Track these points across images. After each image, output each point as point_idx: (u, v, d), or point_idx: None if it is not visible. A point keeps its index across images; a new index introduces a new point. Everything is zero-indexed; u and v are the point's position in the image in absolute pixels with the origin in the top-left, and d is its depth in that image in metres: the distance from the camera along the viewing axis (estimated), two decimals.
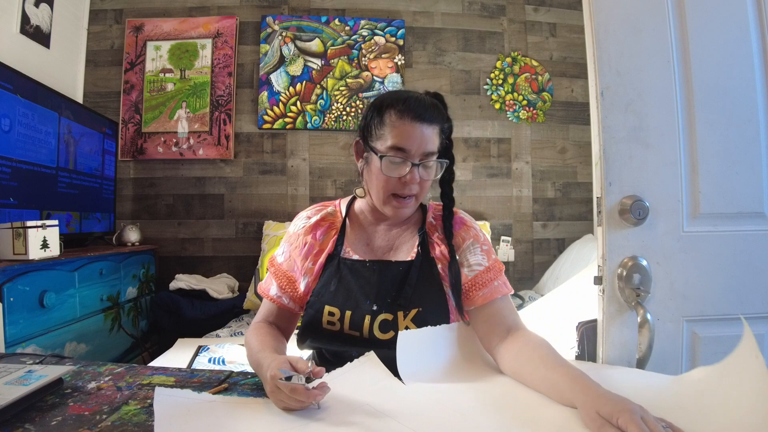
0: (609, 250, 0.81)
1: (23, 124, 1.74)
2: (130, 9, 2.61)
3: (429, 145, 0.85)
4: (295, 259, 0.95)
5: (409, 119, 0.83)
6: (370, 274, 0.89)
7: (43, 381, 0.66)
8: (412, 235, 0.94)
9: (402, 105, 0.85)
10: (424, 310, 0.86)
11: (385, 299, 0.87)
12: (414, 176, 0.84)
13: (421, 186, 0.87)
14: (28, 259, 1.49)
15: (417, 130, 0.83)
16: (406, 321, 0.85)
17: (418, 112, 0.84)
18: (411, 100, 0.85)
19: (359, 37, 2.64)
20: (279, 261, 0.96)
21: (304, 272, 0.93)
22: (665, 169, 0.82)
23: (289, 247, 0.96)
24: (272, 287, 0.95)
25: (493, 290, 0.86)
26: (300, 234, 0.95)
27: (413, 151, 0.83)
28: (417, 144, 0.83)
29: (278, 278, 0.95)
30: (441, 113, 0.89)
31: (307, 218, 0.97)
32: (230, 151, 2.57)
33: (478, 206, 2.68)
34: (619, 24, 0.82)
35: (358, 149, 0.93)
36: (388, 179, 0.85)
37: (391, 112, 0.85)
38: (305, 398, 0.62)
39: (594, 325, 0.86)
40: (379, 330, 0.85)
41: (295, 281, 0.94)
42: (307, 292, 0.92)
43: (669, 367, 0.81)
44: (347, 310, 0.87)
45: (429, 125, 0.85)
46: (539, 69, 2.73)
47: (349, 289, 0.88)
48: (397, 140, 0.83)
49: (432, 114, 0.85)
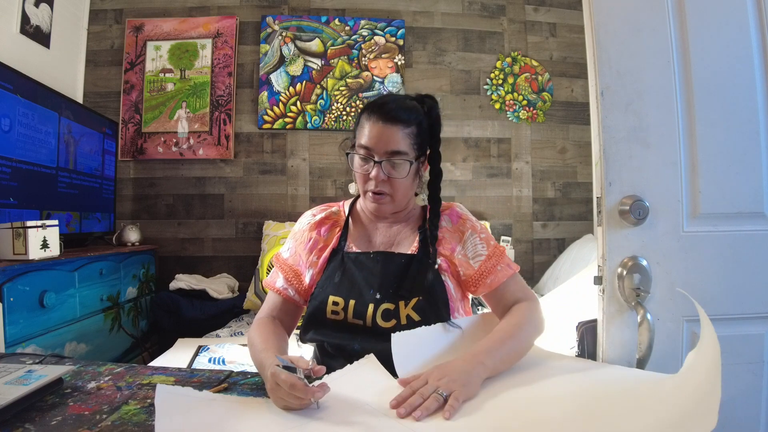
0: (609, 250, 0.81)
1: (23, 124, 1.74)
2: (130, 9, 2.61)
3: (392, 143, 0.89)
4: (300, 253, 0.99)
5: (375, 119, 0.89)
6: (374, 264, 0.93)
7: (43, 381, 0.66)
8: (412, 233, 0.98)
9: (373, 106, 0.91)
10: (424, 299, 0.89)
11: (387, 289, 0.90)
12: (378, 173, 0.89)
13: (393, 185, 0.91)
14: (28, 259, 1.49)
15: (381, 129, 0.88)
16: (407, 309, 0.89)
17: (383, 113, 0.89)
18: (382, 102, 0.91)
19: (359, 37, 2.64)
20: (285, 257, 1.01)
21: (309, 265, 0.97)
22: (665, 169, 0.82)
23: (294, 243, 1.01)
24: (278, 279, 0.99)
25: (499, 275, 0.92)
26: (305, 230, 1.00)
27: (377, 149, 0.89)
28: (381, 143, 0.88)
29: (284, 271, 0.98)
30: (415, 114, 0.92)
31: (312, 215, 1.03)
32: (230, 151, 2.57)
33: (478, 206, 2.68)
34: (619, 24, 0.82)
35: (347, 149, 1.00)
36: (361, 176, 0.92)
37: (365, 113, 0.92)
38: (304, 394, 0.63)
39: (594, 325, 0.86)
40: (381, 319, 0.88)
41: (300, 274, 0.98)
42: (312, 284, 0.96)
43: (669, 367, 0.81)
44: (351, 300, 0.90)
45: (395, 125, 0.89)
46: (539, 69, 2.73)
47: (353, 280, 0.92)
48: (365, 139, 0.90)
49: (401, 115, 0.89)
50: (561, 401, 0.67)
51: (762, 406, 0.84)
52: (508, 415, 0.64)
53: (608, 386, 0.71)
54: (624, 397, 0.67)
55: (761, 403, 0.84)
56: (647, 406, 0.62)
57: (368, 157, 0.90)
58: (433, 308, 0.88)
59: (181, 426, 0.59)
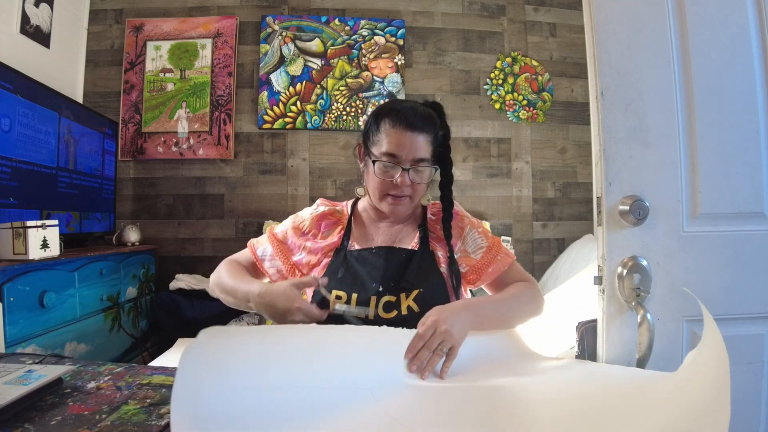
0: (609, 250, 0.81)
1: (23, 124, 1.74)
2: (130, 9, 2.61)
3: (419, 152, 0.93)
4: (291, 236, 1.04)
5: (401, 128, 0.92)
6: (377, 259, 0.96)
7: (42, 381, 0.66)
8: (413, 230, 1.02)
9: (395, 115, 0.93)
10: (424, 291, 0.93)
11: (389, 282, 0.93)
12: (405, 180, 0.93)
13: (414, 188, 0.95)
14: (28, 259, 1.49)
15: (407, 138, 0.91)
16: (408, 301, 0.92)
17: (409, 122, 0.91)
18: (404, 111, 0.93)
19: (359, 37, 2.64)
20: (276, 230, 1.07)
21: (301, 248, 1.02)
22: (665, 169, 0.82)
23: (291, 224, 1.06)
24: (262, 248, 1.06)
25: (500, 264, 0.99)
26: (306, 219, 1.05)
27: (403, 157, 0.92)
28: (407, 151, 0.92)
29: (273, 243, 1.05)
30: (434, 122, 0.96)
31: (317, 206, 1.07)
32: (230, 151, 2.57)
33: (478, 206, 2.68)
34: (619, 24, 0.82)
35: (360, 153, 1.03)
36: (382, 181, 0.94)
37: (386, 120, 0.94)
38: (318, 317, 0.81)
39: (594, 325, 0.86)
40: (383, 310, 0.91)
41: (289, 252, 1.03)
42: (298, 264, 1.02)
43: (669, 367, 0.81)
44: (354, 293, 0.93)
45: (420, 134, 0.92)
46: (539, 69, 2.72)
47: (356, 275, 0.95)
48: (390, 147, 0.92)
49: (423, 123, 0.93)
50: (556, 401, 0.66)
51: (762, 406, 0.84)
52: (499, 407, 0.64)
53: (606, 387, 0.71)
54: (621, 399, 0.66)
55: (761, 403, 0.84)
56: (646, 408, 0.61)
57: (394, 165, 0.92)
58: (432, 300, 0.90)
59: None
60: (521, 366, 0.80)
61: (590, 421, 0.60)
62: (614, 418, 0.61)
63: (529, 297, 0.94)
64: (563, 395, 0.67)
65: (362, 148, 1.00)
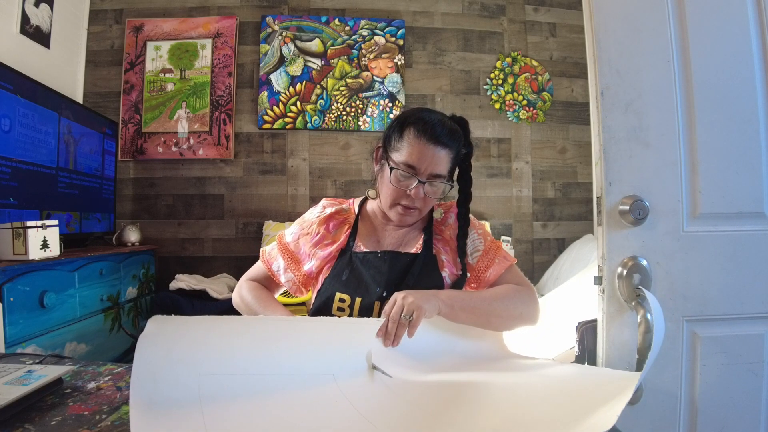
0: (609, 250, 0.81)
1: (23, 124, 1.74)
2: (130, 9, 2.61)
3: (438, 167, 0.90)
4: (303, 245, 1.02)
5: (425, 140, 0.89)
6: (381, 263, 0.95)
7: (42, 381, 0.66)
8: (418, 233, 1.02)
9: (422, 125, 0.90)
10: None
11: (392, 286, 0.93)
12: (419, 192, 0.91)
13: (425, 201, 0.93)
14: (28, 259, 1.49)
15: (429, 151, 0.89)
16: None
17: (435, 135, 0.89)
18: (431, 123, 0.90)
19: (359, 37, 2.64)
20: (287, 240, 1.04)
21: (311, 256, 1.00)
22: (665, 169, 0.82)
23: (300, 231, 1.04)
24: (275, 262, 1.04)
25: (497, 267, 0.96)
26: (314, 223, 1.03)
27: (422, 169, 0.90)
28: (427, 164, 0.89)
29: (284, 256, 1.03)
30: (458, 139, 0.94)
31: (323, 208, 1.05)
32: (230, 151, 2.57)
33: (478, 206, 2.68)
34: (619, 24, 0.82)
35: (377, 155, 1.00)
36: (396, 189, 0.92)
37: (411, 129, 0.91)
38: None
39: (594, 325, 0.86)
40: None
41: (299, 262, 1.02)
42: (310, 274, 1.00)
43: (669, 367, 0.81)
44: (357, 297, 0.93)
45: (443, 149, 0.90)
46: (539, 69, 2.72)
47: (360, 279, 0.94)
48: (410, 158, 0.89)
49: (448, 139, 0.91)
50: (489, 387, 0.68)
51: (762, 406, 0.84)
52: (449, 401, 0.65)
53: (543, 377, 0.73)
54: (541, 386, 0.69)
55: (761, 403, 0.84)
56: (554, 394, 0.64)
57: (411, 175, 0.90)
58: None
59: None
60: (489, 364, 0.80)
61: (519, 407, 0.62)
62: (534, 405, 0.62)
63: (516, 300, 0.90)
64: (508, 388, 0.68)
65: (380, 151, 0.98)
